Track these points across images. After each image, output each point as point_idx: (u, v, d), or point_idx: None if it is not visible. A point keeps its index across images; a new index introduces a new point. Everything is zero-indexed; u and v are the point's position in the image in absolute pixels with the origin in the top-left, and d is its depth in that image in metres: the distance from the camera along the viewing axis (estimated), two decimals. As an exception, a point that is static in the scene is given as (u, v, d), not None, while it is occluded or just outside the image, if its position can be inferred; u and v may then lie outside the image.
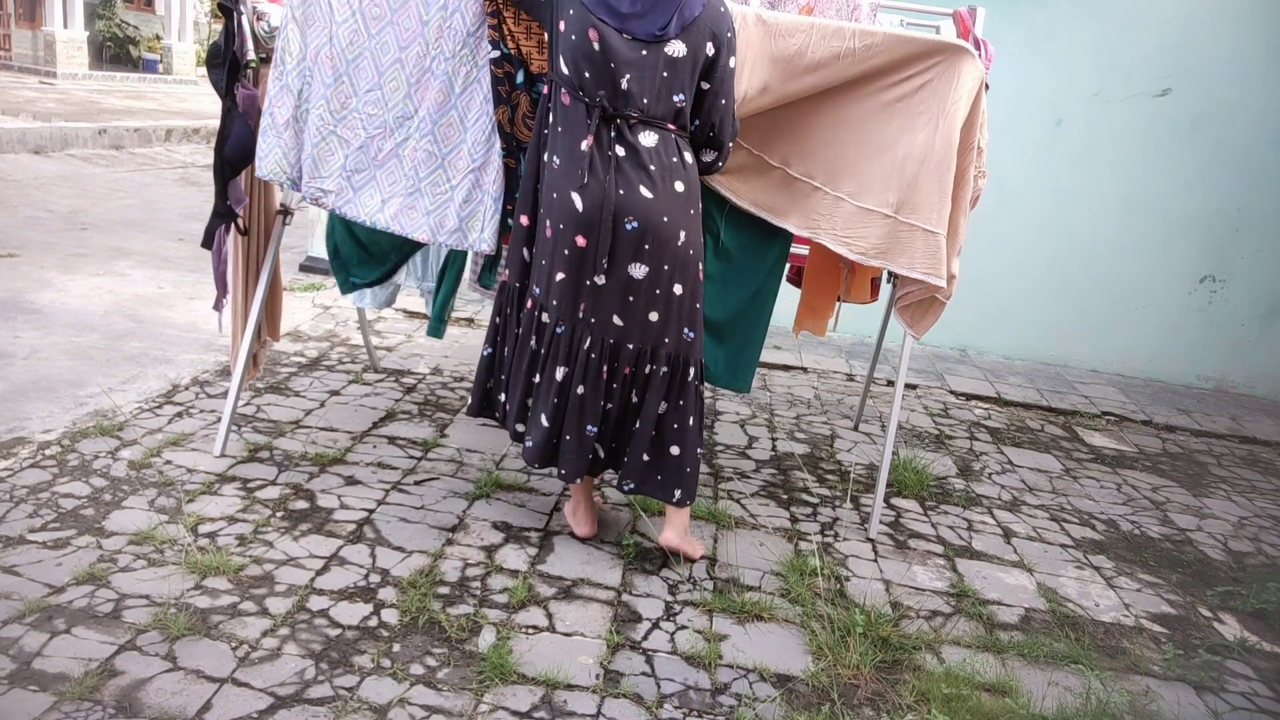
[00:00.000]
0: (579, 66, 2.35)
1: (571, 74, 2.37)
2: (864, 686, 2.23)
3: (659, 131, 2.40)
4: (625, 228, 2.40)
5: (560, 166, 2.43)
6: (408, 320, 4.90)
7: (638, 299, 2.46)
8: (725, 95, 2.45)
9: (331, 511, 2.75)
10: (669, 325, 2.51)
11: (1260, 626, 2.82)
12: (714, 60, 2.38)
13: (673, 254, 2.45)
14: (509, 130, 2.72)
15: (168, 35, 18.99)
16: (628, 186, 2.38)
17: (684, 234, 2.46)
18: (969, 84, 2.62)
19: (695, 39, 2.34)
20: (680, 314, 2.52)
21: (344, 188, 2.77)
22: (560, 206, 2.43)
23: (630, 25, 2.32)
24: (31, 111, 10.06)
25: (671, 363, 2.54)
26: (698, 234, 2.52)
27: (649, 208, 2.39)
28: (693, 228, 2.49)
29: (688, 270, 2.50)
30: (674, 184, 2.42)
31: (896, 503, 3.37)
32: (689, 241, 2.48)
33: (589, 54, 2.34)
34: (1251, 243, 5.37)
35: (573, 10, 2.35)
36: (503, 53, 2.62)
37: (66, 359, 3.69)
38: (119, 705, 1.86)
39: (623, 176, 2.38)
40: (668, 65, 2.34)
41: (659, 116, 2.39)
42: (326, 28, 2.67)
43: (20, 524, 2.46)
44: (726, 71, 2.42)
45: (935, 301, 2.89)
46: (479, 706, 1.99)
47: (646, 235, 2.41)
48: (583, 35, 2.33)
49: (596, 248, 2.41)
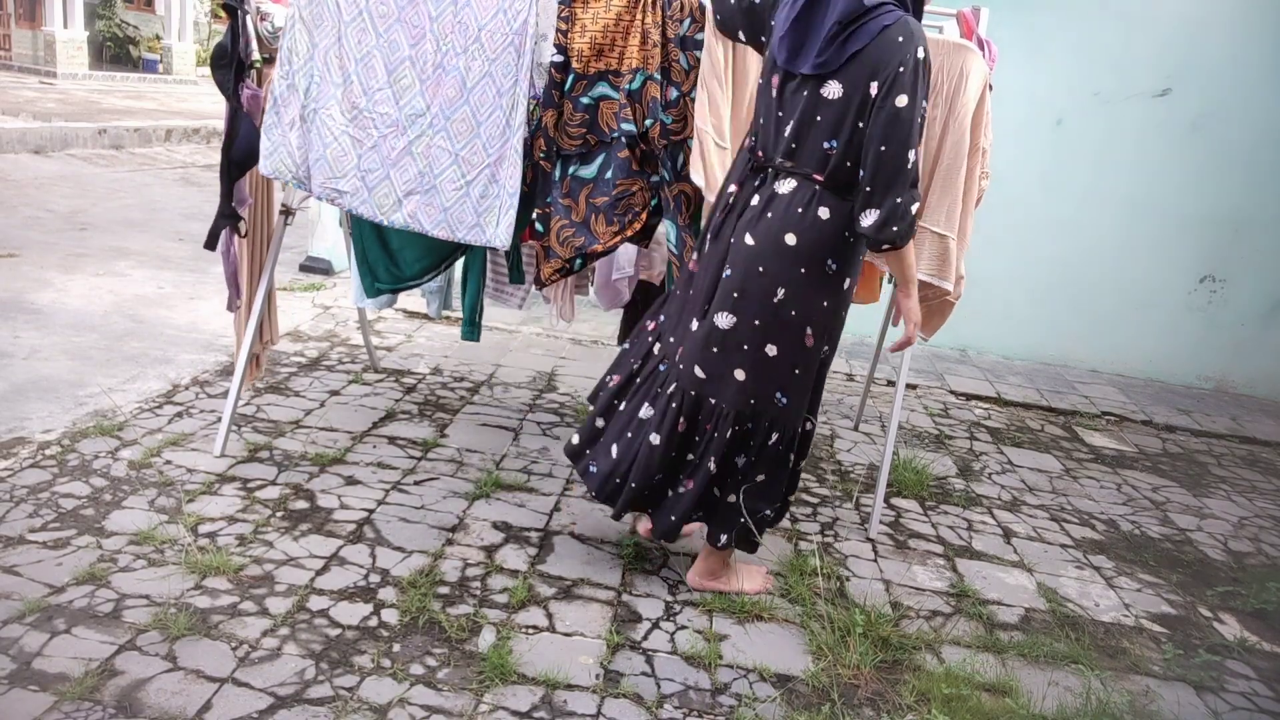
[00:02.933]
0: (759, 115, 2.26)
1: (755, 119, 2.29)
2: (864, 686, 2.23)
3: (799, 179, 2.20)
4: (723, 274, 2.30)
5: (714, 204, 2.41)
6: (408, 320, 4.90)
7: (721, 352, 2.30)
8: (886, 142, 2.05)
9: (331, 511, 2.75)
10: (758, 386, 2.31)
11: (1260, 626, 2.82)
12: (878, 100, 2.05)
13: (765, 309, 2.24)
14: (553, 134, 2.72)
15: (168, 35, 18.98)
16: (738, 234, 2.27)
17: (783, 290, 2.23)
18: (975, 85, 2.62)
19: (856, 76, 2.07)
20: (772, 376, 2.31)
21: (359, 187, 2.77)
22: (701, 245, 2.42)
23: (794, 63, 2.15)
24: (31, 111, 10.06)
25: (755, 422, 2.35)
26: (809, 294, 2.24)
27: (747, 256, 2.24)
28: (798, 285, 2.23)
29: (784, 331, 2.27)
30: (785, 236, 2.20)
31: (896, 503, 3.37)
32: (789, 299, 2.23)
33: (768, 102, 2.23)
34: (1251, 243, 5.37)
35: (768, 52, 2.26)
36: (564, 57, 2.64)
37: (66, 359, 3.69)
38: (119, 705, 1.86)
39: (742, 223, 2.27)
40: (822, 108, 2.12)
41: (803, 164, 2.19)
42: (335, 28, 2.67)
43: (20, 524, 2.46)
44: (890, 114, 2.04)
45: (945, 303, 2.89)
46: (479, 706, 1.99)
47: (737, 285, 2.26)
48: (767, 81, 2.23)
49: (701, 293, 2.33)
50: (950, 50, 2.63)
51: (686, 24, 2.64)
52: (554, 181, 2.78)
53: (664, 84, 2.68)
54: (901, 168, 2.06)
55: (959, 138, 2.63)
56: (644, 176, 2.76)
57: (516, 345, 4.70)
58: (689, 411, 2.37)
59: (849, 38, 2.05)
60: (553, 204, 2.79)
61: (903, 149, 2.05)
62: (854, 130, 2.10)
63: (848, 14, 2.05)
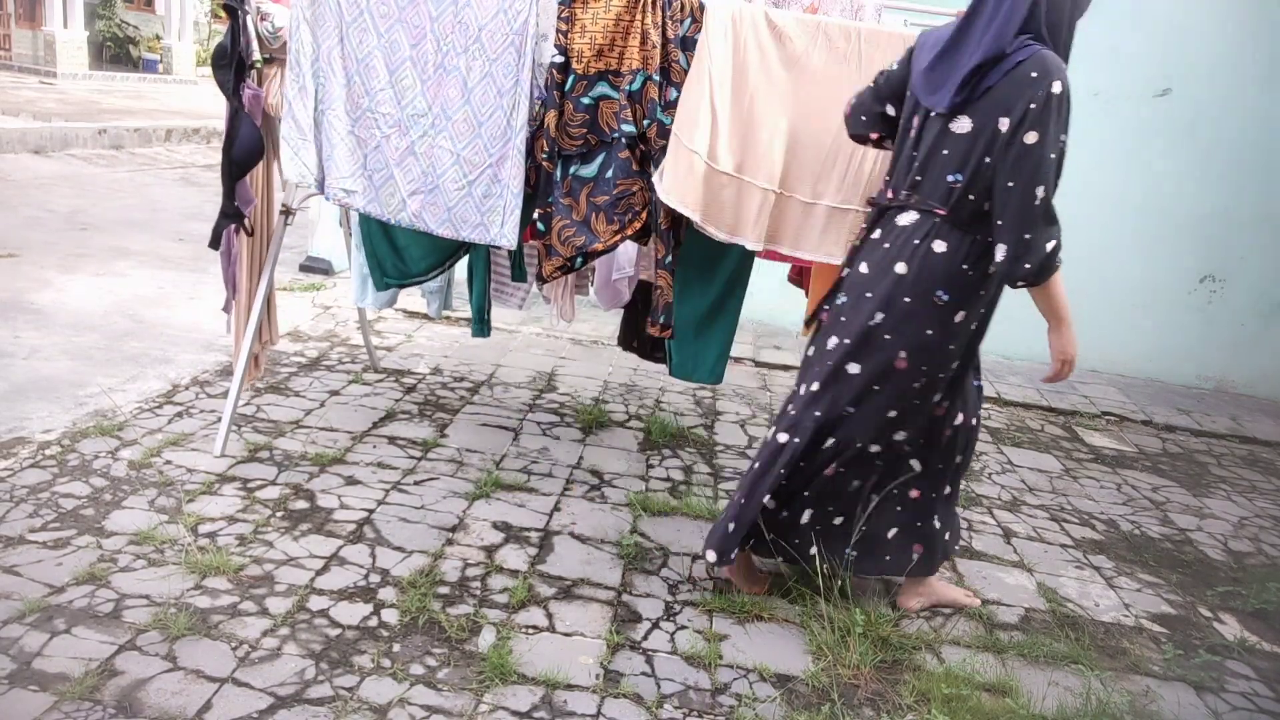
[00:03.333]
0: (898, 154, 2.30)
1: (894, 160, 2.33)
2: (864, 686, 2.23)
3: (921, 212, 2.22)
4: (836, 303, 2.36)
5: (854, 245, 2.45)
6: (408, 320, 4.90)
7: (829, 375, 2.34)
8: (1013, 178, 2.06)
9: (331, 511, 2.75)
10: (826, 397, 2.35)
11: (1260, 626, 2.82)
12: (1006, 135, 2.06)
13: (859, 330, 2.27)
14: (554, 135, 2.72)
15: (168, 35, 18.98)
16: (855, 264, 2.33)
17: (881, 315, 2.24)
18: None
19: (986, 112, 2.09)
20: (843, 390, 2.32)
21: (366, 187, 2.78)
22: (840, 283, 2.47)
23: (931, 99, 2.18)
24: (31, 111, 10.06)
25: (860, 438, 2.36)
26: (910, 322, 2.23)
27: (856, 282, 2.31)
28: (898, 311, 2.23)
29: (872, 352, 2.27)
30: (895, 265, 2.22)
31: (896, 503, 3.37)
32: (886, 324, 2.24)
33: (905, 142, 2.27)
34: (1251, 243, 5.36)
35: (909, 93, 2.28)
36: (564, 57, 2.64)
37: (66, 359, 3.69)
38: (119, 705, 1.86)
39: (861, 254, 2.33)
40: (949, 142, 2.15)
41: (926, 197, 2.21)
42: (337, 28, 2.67)
43: (20, 524, 2.46)
44: (1020, 150, 2.05)
45: None
46: (479, 706, 1.99)
47: (844, 309, 2.32)
48: (909, 122, 2.27)
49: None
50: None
51: (686, 24, 2.64)
52: (555, 181, 2.78)
53: (663, 84, 2.68)
54: (1029, 204, 2.05)
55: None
56: (644, 176, 2.76)
57: (516, 345, 4.70)
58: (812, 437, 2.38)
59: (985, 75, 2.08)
60: (554, 203, 2.79)
61: (1030, 185, 2.05)
62: (980, 165, 2.12)
63: (990, 55, 2.07)
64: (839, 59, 2.62)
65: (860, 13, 2.99)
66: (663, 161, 2.66)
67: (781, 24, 2.61)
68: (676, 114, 2.65)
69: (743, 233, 2.76)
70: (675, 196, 2.64)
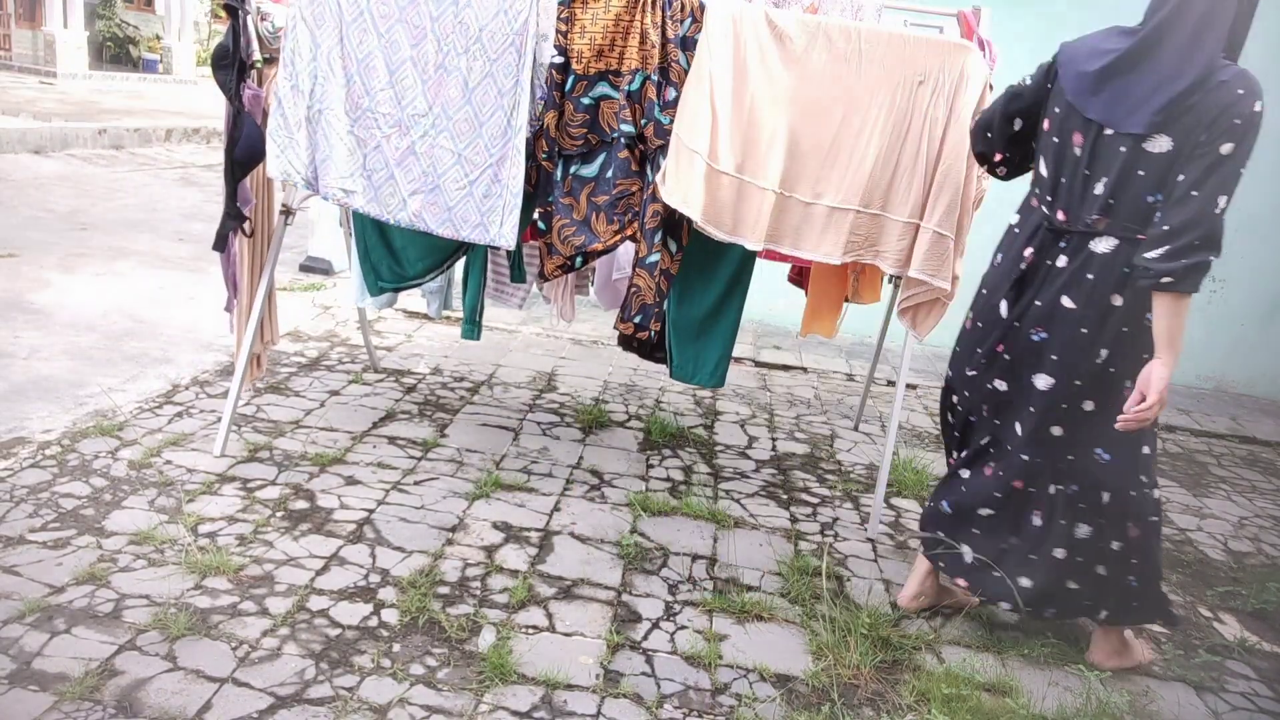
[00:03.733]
0: (1058, 172, 2.23)
1: (1049, 179, 2.26)
2: (864, 686, 2.23)
3: (1119, 238, 2.16)
4: (1031, 338, 2.29)
5: (1000, 265, 2.41)
6: (408, 320, 4.90)
7: (1038, 411, 2.30)
8: (1198, 185, 2.01)
9: (331, 511, 2.75)
10: (1076, 441, 2.29)
11: (1260, 626, 2.82)
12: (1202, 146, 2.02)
13: (1088, 370, 2.23)
14: (554, 135, 2.72)
15: (168, 35, 18.97)
16: (1049, 296, 2.25)
17: (1106, 351, 2.22)
18: (975, 85, 2.63)
19: (1187, 129, 2.04)
20: (1093, 433, 2.28)
21: (365, 187, 2.78)
22: (986, 306, 2.41)
23: (1114, 119, 2.12)
24: (31, 111, 10.05)
25: (1080, 480, 2.31)
26: (1132, 350, 2.22)
27: (1064, 320, 2.23)
28: (1120, 342, 2.22)
29: (1111, 389, 2.24)
30: (1111, 297, 2.18)
31: (896, 503, 3.37)
32: (1118, 359, 2.23)
33: (1069, 160, 2.21)
34: (1251, 243, 5.36)
35: (1059, 108, 2.23)
36: (564, 58, 2.64)
37: (66, 359, 3.69)
38: (119, 705, 1.86)
39: (1048, 287, 2.25)
40: (1145, 163, 2.09)
41: (1123, 221, 2.15)
42: (336, 28, 2.67)
43: (20, 524, 2.46)
44: (1213, 158, 2.00)
45: (938, 303, 2.90)
46: (479, 706, 1.99)
47: (1054, 348, 2.25)
48: (1066, 139, 2.21)
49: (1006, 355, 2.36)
50: (950, 50, 2.63)
51: (687, 24, 2.64)
52: (555, 181, 2.78)
53: (663, 84, 2.68)
54: (1208, 211, 2.00)
55: (959, 138, 2.64)
56: (644, 176, 2.76)
57: (516, 345, 4.70)
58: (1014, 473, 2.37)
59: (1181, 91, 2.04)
60: (554, 203, 2.80)
61: (1214, 193, 2.00)
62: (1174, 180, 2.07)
63: (1201, 77, 2.03)
64: (839, 59, 2.62)
65: (860, 13, 2.99)
66: (664, 162, 2.66)
67: (782, 24, 2.61)
68: (677, 114, 2.65)
69: (743, 232, 2.76)
70: (677, 197, 2.64)
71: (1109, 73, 2.14)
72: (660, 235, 2.76)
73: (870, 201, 2.74)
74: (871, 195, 2.74)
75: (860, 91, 2.65)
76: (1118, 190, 2.14)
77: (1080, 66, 2.20)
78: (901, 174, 2.72)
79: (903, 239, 2.76)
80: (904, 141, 2.68)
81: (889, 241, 2.78)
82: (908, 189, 2.73)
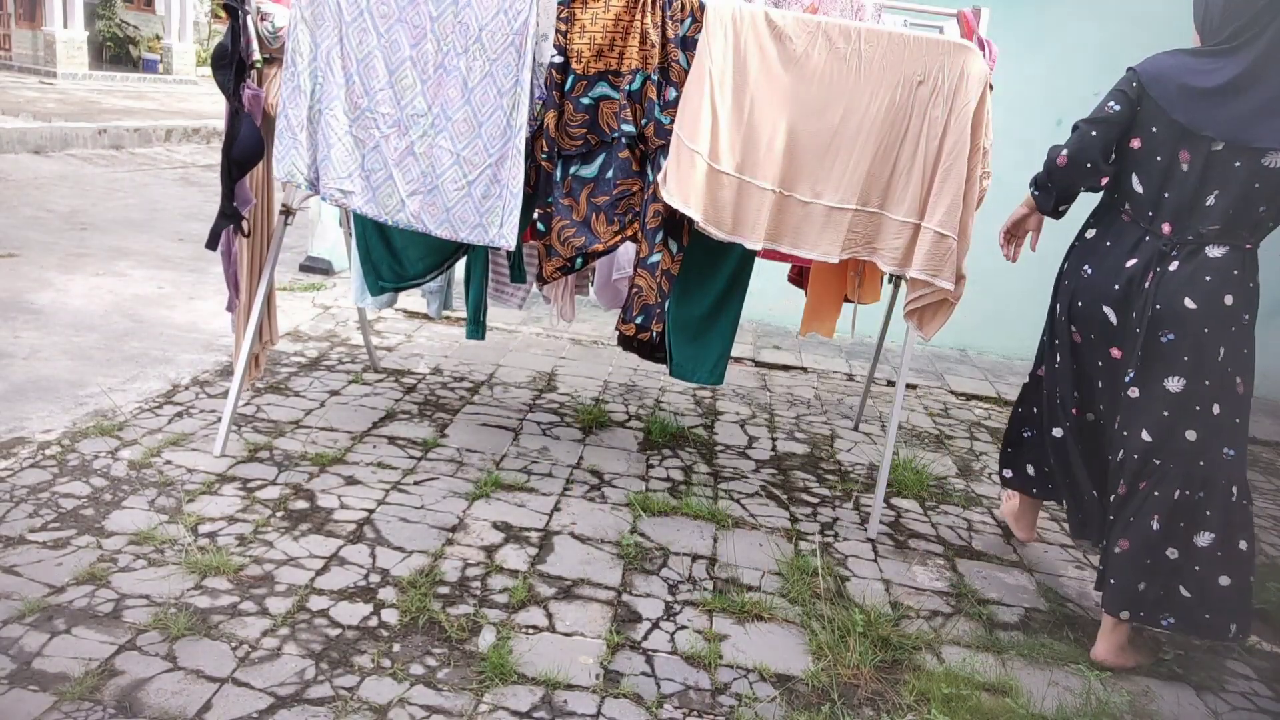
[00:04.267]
0: (1162, 187, 2.37)
1: (1147, 194, 2.40)
2: (864, 686, 2.23)
3: (1230, 245, 2.32)
4: (1160, 341, 2.37)
5: (1092, 276, 2.52)
6: (408, 320, 4.90)
7: (1172, 414, 2.37)
8: None
9: (331, 511, 2.75)
10: (1207, 444, 2.36)
11: (1260, 626, 2.82)
12: None
13: (1212, 369, 2.33)
14: (554, 135, 2.72)
15: (168, 35, 18.98)
16: (1169, 299, 2.34)
17: (1223, 349, 2.33)
18: (976, 85, 2.63)
19: None
20: (1220, 432, 2.36)
21: (364, 187, 2.78)
22: (1089, 317, 2.51)
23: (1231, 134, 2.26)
24: (31, 111, 10.06)
25: (1208, 485, 2.36)
26: (1239, 347, 2.35)
27: (1189, 320, 2.32)
28: (1231, 340, 2.34)
29: (1228, 386, 2.35)
30: (1224, 297, 2.31)
31: (896, 503, 3.37)
32: (1230, 356, 2.34)
33: (1177, 177, 2.35)
34: (1251, 243, 5.36)
35: (1156, 129, 2.36)
36: (563, 57, 2.64)
37: (66, 359, 3.69)
38: (119, 705, 1.86)
39: (1165, 289, 2.35)
40: (1263, 177, 2.25)
41: (1236, 230, 2.31)
42: (336, 28, 2.67)
43: (20, 524, 2.46)
44: None
45: (945, 303, 2.90)
46: (479, 706, 1.99)
47: (1184, 348, 2.34)
48: (1172, 157, 2.34)
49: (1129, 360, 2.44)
50: (950, 50, 2.63)
51: (687, 24, 2.64)
52: (555, 181, 2.78)
53: (663, 84, 2.68)
54: None
55: (959, 138, 2.64)
56: (644, 177, 2.76)
57: (516, 345, 4.70)
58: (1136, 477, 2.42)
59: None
60: (554, 204, 2.79)
61: None
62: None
63: None
64: (838, 59, 2.63)
65: (860, 13, 2.99)
66: (665, 162, 2.66)
67: (781, 24, 2.61)
68: (678, 114, 2.65)
69: (743, 232, 2.76)
70: (678, 197, 2.64)
71: (1223, 92, 2.27)
72: (661, 235, 2.76)
73: (868, 200, 2.75)
74: (869, 194, 2.75)
75: (859, 91, 2.65)
76: (1235, 204, 2.27)
77: (1181, 85, 2.33)
78: (900, 173, 2.72)
79: (899, 237, 2.76)
80: (902, 141, 2.69)
81: (886, 239, 2.78)
82: (905, 188, 2.73)
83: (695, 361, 3.23)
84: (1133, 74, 2.43)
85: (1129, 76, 2.44)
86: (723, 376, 3.27)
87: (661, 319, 2.87)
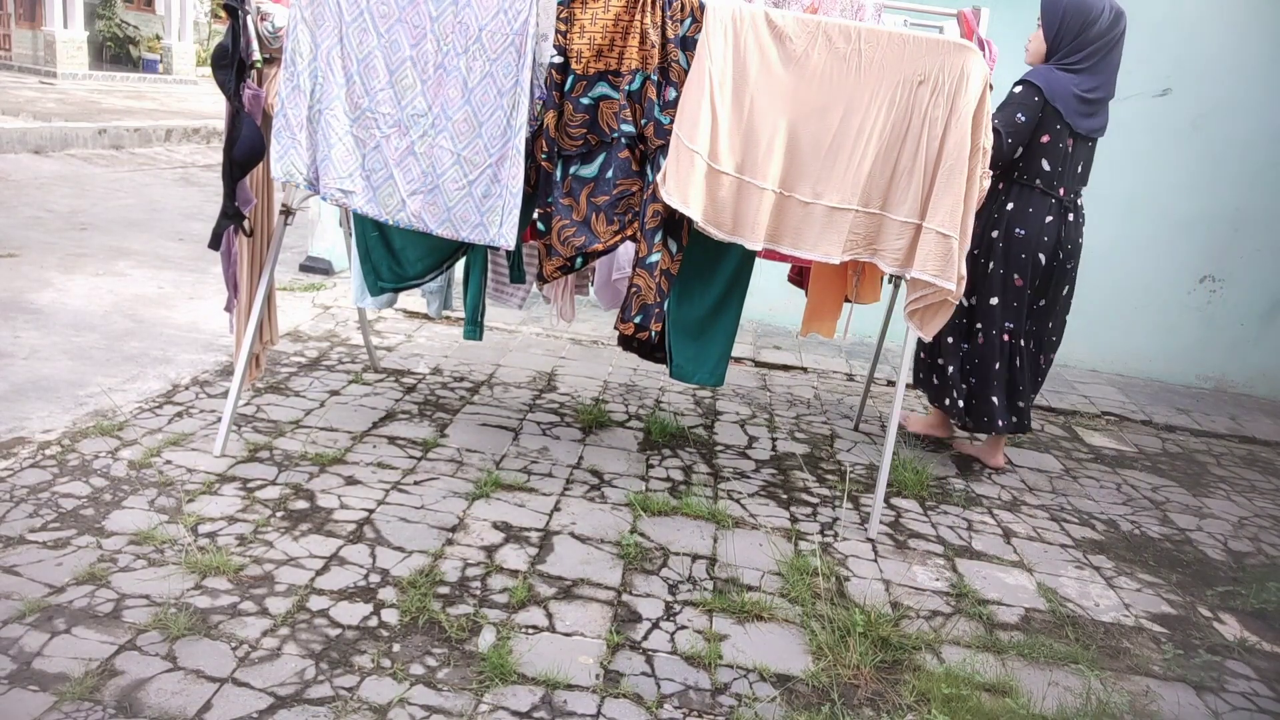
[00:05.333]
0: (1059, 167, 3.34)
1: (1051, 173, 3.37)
2: (864, 686, 2.23)
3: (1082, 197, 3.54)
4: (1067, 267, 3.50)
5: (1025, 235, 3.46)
6: (408, 320, 4.90)
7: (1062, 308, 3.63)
8: None
9: (331, 511, 2.75)
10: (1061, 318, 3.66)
11: (1260, 626, 2.82)
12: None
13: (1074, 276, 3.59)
14: (554, 135, 2.72)
15: (168, 35, 18.98)
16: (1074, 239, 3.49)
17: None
18: (976, 85, 2.63)
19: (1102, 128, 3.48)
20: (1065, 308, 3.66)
21: (364, 187, 2.78)
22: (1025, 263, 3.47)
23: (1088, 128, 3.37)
24: (31, 111, 10.06)
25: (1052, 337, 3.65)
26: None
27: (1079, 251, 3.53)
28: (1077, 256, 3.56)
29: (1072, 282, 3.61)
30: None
31: (896, 503, 3.37)
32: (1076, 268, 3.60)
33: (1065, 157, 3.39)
34: (1251, 243, 5.36)
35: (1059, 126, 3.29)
36: (563, 57, 2.64)
37: (66, 359, 3.69)
38: (119, 705, 1.86)
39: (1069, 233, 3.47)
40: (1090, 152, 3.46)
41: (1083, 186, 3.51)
42: (336, 28, 2.67)
43: (20, 524, 2.46)
44: None
45: (945, 303, 2.90)
46: (479, 706, 1.99)
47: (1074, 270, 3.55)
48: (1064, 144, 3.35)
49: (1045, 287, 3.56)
50: (950, 50, 2.63)
51: (687, 24, 2.64)
52: (555, 181, 2.78)
53: (662, 84, 2.68)
54: None
55: (960, 138, 2.64)
56: (644, 177, 2.76)
57: (516, 345, 4.70)
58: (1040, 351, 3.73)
59: None
60: (554, 204, 2.79)
61: None
62: None
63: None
64: (839, 59, 2.63)
65: (860, 13, 2.99)
66: (664, 162, 2.66)
67: (781, 24, 2.61)
68: (677, 114, 2.65)
69: (743, 232, 2.76)
70: (677, 196, 2.64)
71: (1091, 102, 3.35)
72: (661, 235, 2.76)
73: (869, 201, 2.75)
74: (870, 195, 2.74)
75: (860, 91, 2.65)
76: (1085, 169, 3.47)
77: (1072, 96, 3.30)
78: (901, 174, 2.72)
79: (900, 238, 2.76)
80: (903, 141, 2.68)
81: (887, 240, 2.78)
82: (907, 188, 2.73)
83: (695, 362, 3.23)
84: (1035, 89, 3.28)
85: (1030, 91, 3.28)
86: (723, 377, 3.27)
87: (660, 318, 2.87)
